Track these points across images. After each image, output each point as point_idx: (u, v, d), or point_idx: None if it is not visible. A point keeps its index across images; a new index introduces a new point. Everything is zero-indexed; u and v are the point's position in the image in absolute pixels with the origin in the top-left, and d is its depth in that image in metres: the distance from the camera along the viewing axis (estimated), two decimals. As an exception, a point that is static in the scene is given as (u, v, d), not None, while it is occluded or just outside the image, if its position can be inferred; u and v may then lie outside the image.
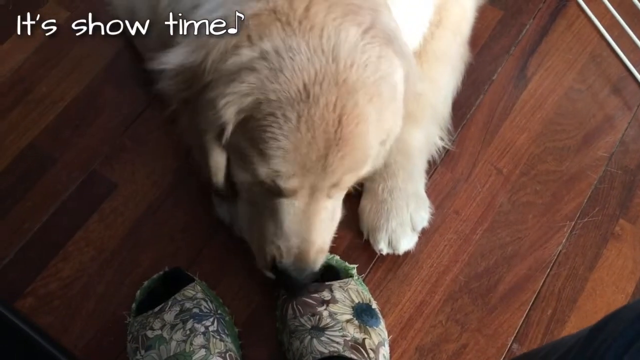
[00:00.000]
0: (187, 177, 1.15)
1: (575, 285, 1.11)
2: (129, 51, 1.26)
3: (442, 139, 1.18)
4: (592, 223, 1.16)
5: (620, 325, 0.59)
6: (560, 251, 1.13)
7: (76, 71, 1.26)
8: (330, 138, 0.84)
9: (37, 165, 1.18)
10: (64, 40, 1.29)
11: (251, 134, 0.85)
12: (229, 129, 0.85)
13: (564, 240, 1.14)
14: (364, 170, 0.92)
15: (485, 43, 1.31)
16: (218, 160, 0.92)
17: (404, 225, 1.09)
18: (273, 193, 0.90)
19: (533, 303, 1.09)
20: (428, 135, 1.16)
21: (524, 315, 1.08)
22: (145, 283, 1.05)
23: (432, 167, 1.18)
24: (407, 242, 1.10)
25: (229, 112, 0.84)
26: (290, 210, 0.91)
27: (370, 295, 1.06)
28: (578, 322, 1.08)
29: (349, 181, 0.92)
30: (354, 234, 1.13)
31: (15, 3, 1.34)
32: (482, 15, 1.31)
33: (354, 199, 1.11)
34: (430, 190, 1.15)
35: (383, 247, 1.10)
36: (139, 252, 1.11)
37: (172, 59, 0.88)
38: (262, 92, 0.82)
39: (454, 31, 1.21)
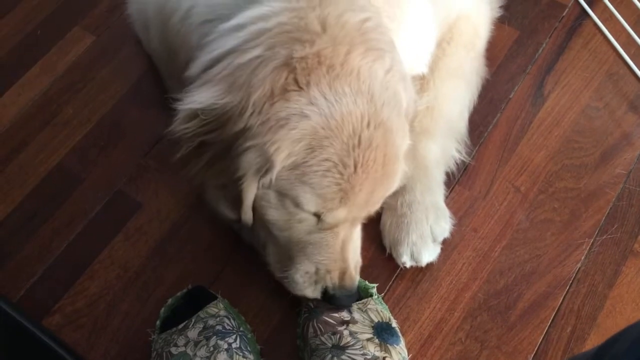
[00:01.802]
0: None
1: (594, 303, 1.11)
2: (153, 74, 1.29)
3: (459, 152, 1.19)
4: (611, 240, 1.16)
5: (627, 344, 0.59)
6: (580, 268, 1.13)
7: (102, 94, 1.30)
8: (377, 177, 0.89)
9: (64, 186, 1.21)
10: (90, 64, 1.33)
11: (303, 177, 0.87)
12: (275, 172, 0.86)
13: (582, 258, 1.14)
14: (392, 192, 0.97)
15: (502, 62, 1.32)
16: (251, 201, 0.92)
17: (424, 237, 1.11)
18: (313, 229, 0.93)
19: (552, 320, 1.09)
20: (444, 148, 1.18)
21: (544, 333, 1.08)
22: (169, 301, 1.07)
23: (451, 182, 1.19)
24: (429, 254, 1.11)
25: (279, 158, 0.85)
26: (333, 241, 0.95)
27: (390, 314, 1.06)
28: (598, 339, 1.08)
29: (379, 206, 0.96)
30: (375, 249, 1.14)
31: (43, 29, 1.38)
32: (498, 35, 1.33)
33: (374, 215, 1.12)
34: (448, 208, 1.15)
35: (406, 260, 1.11)
36: (162, 271, 1.13)
37: (200, 98, 0.87)
38: (315, 139, 0.85)
39: (467, 47, 1.24)
